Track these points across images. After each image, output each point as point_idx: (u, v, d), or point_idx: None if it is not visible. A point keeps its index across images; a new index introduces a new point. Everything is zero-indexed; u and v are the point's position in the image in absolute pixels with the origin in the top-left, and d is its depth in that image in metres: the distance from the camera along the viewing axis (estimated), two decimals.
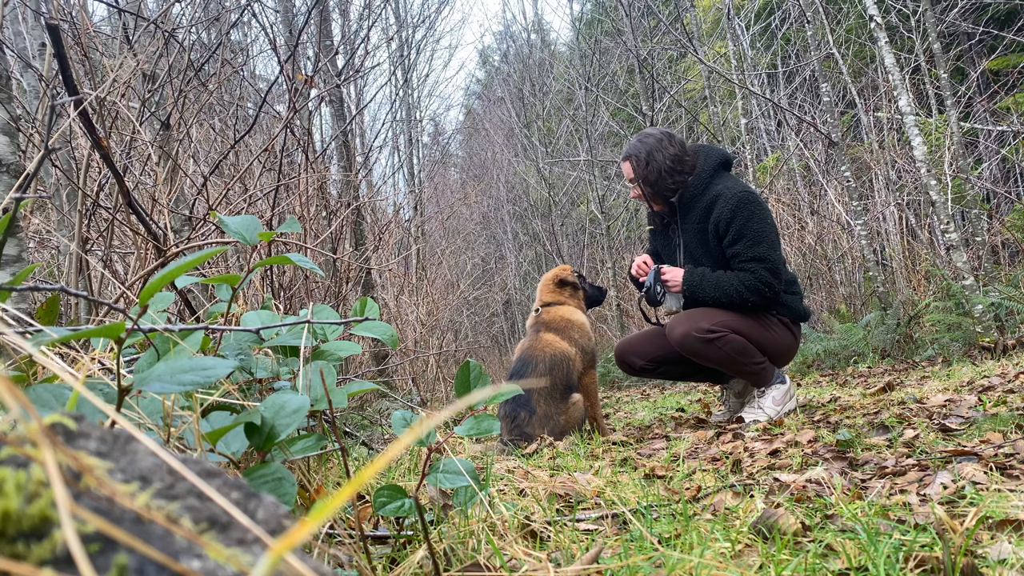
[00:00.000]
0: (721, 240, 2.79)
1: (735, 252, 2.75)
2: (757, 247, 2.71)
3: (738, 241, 2.73)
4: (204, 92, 3.73)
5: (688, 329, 2.80)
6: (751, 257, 2.72)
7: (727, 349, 2.79)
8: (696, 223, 2.86)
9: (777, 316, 2.91)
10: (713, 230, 2.79)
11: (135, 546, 0.27)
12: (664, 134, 2.94)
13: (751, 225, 2.72)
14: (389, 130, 11.01)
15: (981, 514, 1.10)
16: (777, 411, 2.84)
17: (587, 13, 14.34)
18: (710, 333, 2.77)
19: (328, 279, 4.34)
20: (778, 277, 2.75)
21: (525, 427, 2.77)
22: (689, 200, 2.87)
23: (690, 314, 2.87)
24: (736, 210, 2.72)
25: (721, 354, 2.80)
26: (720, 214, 2.74)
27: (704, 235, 2.84)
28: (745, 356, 2.83)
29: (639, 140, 2.95)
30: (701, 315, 2.83)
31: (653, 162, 2.84)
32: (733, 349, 2.79)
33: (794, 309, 2.92)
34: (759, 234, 2.72)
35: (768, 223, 2.76)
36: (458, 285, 10.72)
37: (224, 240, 2.20)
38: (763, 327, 2.87)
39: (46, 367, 0.69)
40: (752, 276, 2.73)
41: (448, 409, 0.32)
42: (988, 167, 8.61)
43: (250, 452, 0.80)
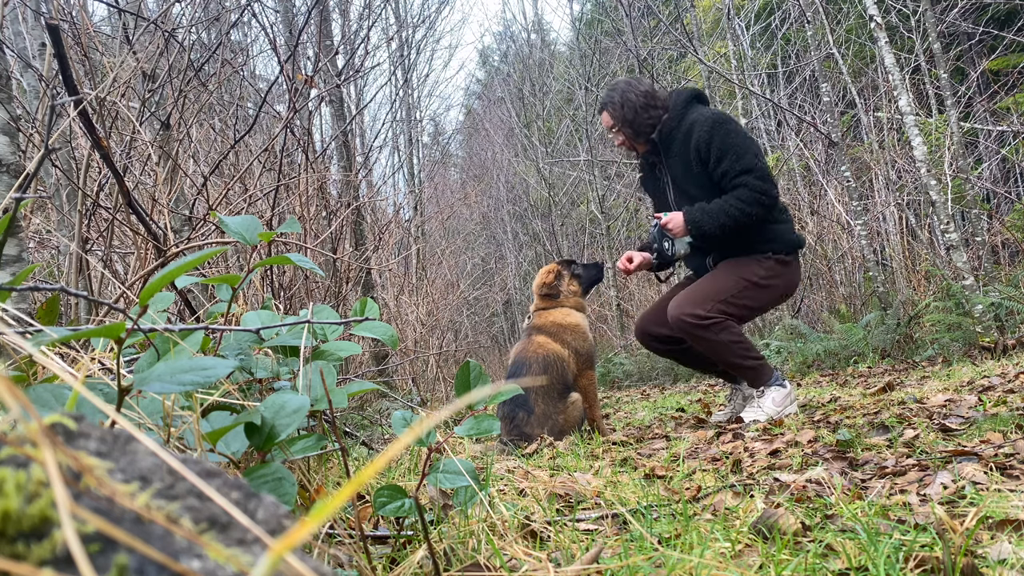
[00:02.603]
0: (706, 165, 2.82)
1: (724, 171, 2.78)
2: (743, 159, 2.75)
3: (723, 159, 2.77)
4: (204, 92, 3.73)
5: (682, 312, 2.81)
6: (740, 170, 2.75)
7: (722, 336, 2.79)
8: (678, 155, 2.91)
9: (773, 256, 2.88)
10: (695, 156, 2.83)
11: (135, 546, 0.27)
12: (631, 78, 3.08)
13: (731, 140, 2.76)
14: (389, 130, 11.01)
15: (981, 514, 1.10)
16: (777, 411, 2.83)
17: (587, 13, 14.34)
18: (705, 319, 2.78)
19: (328, 279, 4.34)
20: (771, 183, 2.77)
21: (524, 427, 2.78)
22: (668, 134, 2.93)
23: (691, 291, 2.87)
24: (713, 130, 2.77)
25: (715, 341, 2.80)
26: (699, 139, 2.80)
27: (688, 165, 2.88)
28: (740, 347, 2.83)
29: (610, 89, 3.05)
30: (700, 293, 2.83)
31: (627, 102, 2.93)
32: (728, 338, 2.80)
33: (788, 239, 2.92)
34: (741, 147, 2.76)
35: (747, 136, 2.81)
36: (458, 285, 10.72)
37: (224, 240, 2.20)
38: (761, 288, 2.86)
39: (46, 367, 0.69)
40: (747, 190, 2.75)
41: (448, 409, 0.32)
42: (988, 167, 8.61)
43: (250, 452, 0.80)
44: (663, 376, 7.41)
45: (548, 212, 12.45)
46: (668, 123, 2.93)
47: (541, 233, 12.93)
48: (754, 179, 2.74)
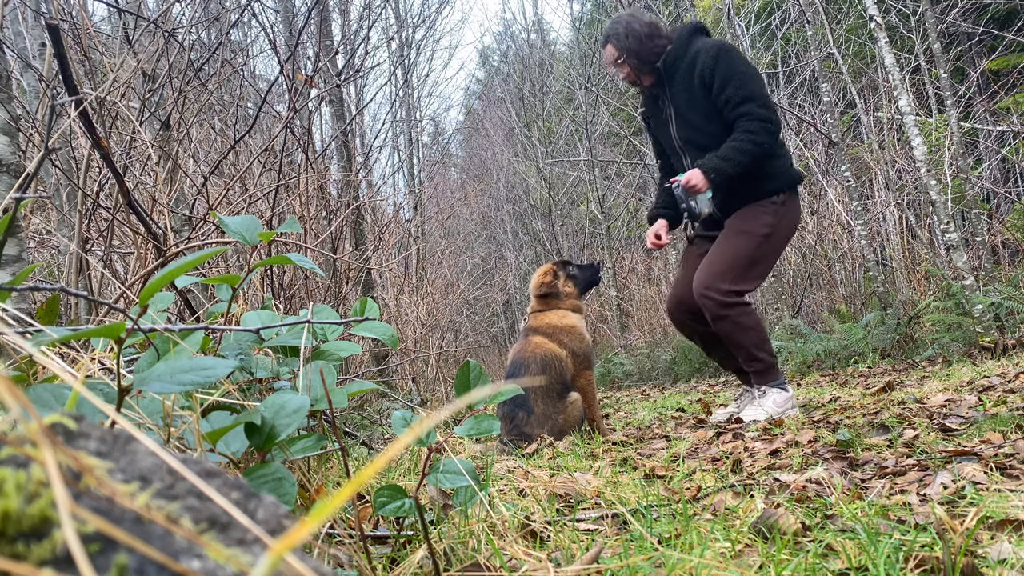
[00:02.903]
0: (710, 92, 2.84)
1: (727, 98, 2.80)
2: (747, 86, 2.78)
3: (727, 86, 2.79)
4: (204, 92, 3.73)
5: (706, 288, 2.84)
6: (743, 97, 2.77)
7: (743, 320, 2.84)
8: (682, 84, 2.93)
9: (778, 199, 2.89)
10: (699, 83, 2.86)
11: (135, 546, 0.27)
12: (633, 10, 3.11)
13: (735, 67, 2.80)
14: (389, 130, 11.01)
15: (981, 514, 1.10)
16: (778, 412, 2.83)
17: (587, 13, 14.34)
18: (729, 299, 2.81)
19: (328, 279, 4.34)
20: (773, 111, 2.81)
21: (524, 427, 2.78)
22: (673, 63, 2.95)
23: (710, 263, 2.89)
24: (717, 57, 2.81)
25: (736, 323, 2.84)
26: (703, 65, 2.83)
27: (692, 94, 2.90)
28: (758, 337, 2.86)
29: (613, 21, 3.07)
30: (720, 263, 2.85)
31: (632, 32, 2.96)
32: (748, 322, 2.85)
33: (788, 176, 2.92)
34: (745, 74, 2.80)
35: (750, 65, 2.86)
36: (458, 285, 10.72)
37: (224, 240, 2.20)
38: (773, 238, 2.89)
39: (46, 367, 0.69)
40: (751, 120, 2.77)
41: (448, 409, 0.32)
42: (988, 167, 8.61)
43: (250, 452, 0.80)
44: (663, 376, 7.41)
45: (548, 212, 12.45)
46: (672, 53, 2.95)
47: (541, 233, 12.93)
48: (757, 107, 2.77)
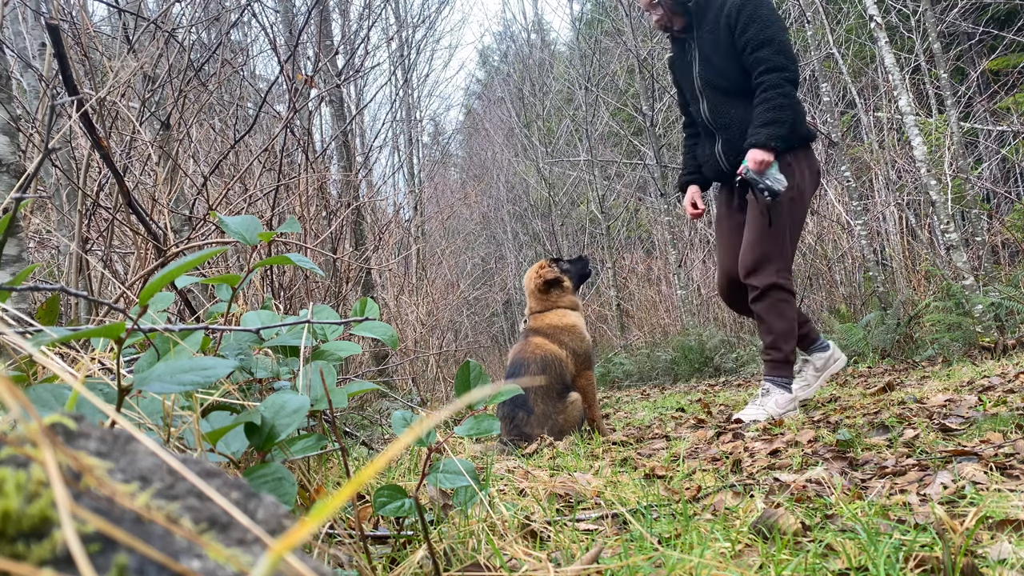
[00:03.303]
0: (733, 32, 2.93)
1: (747, 39, 2.88)
2: (767, 29, 2.85)
3: (749, 27, 2.87)
4: (204, 92, 3.73)
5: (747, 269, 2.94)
6: (762, 41, 2.85)
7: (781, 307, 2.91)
8: (710, 27, 3.02)
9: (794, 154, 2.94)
10: (725, 23, 2.94)
11: (135, 546, 0.27)
12: None
13: (760, 12, 2.88)
14: (389, 130, 11.00)
15: (981, 514, 1.10)
16: (779, 413, 2.84)
17: (587, 13, 14.33)
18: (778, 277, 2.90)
19: (328, 279, 4.34)
20: (790, 59, 2.88)
21: (524, 427, 2.78)
22: (704, 6, 3.04)
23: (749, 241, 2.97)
24: (745, 1, 2.90)
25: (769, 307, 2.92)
26: (730, 7, 2.92)
27: (717, 36, 2.99)
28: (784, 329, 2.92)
29: None
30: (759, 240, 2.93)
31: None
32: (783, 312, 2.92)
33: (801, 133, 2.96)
34: (768, 18, 2.88)
35: (776, 13, 2.94)
36: (458, 285, 10.72)
37: (224, 240, 2.20)
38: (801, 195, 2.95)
39: (46, 367, 0.69)
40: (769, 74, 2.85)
41: (448, 409, 0.32)
42: (988, 167, 8.61)
43: (250, 452, 0.80)
44: (663, 376, 7.41)
45: (548, 212, 12.45)
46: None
47: (541, 233, 12.93)
48: (773, 53, 2.84)
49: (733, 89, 2.99)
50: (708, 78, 3.06)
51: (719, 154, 3.09)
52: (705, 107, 3.10)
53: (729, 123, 3.02)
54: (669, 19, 3.10)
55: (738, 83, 2.97)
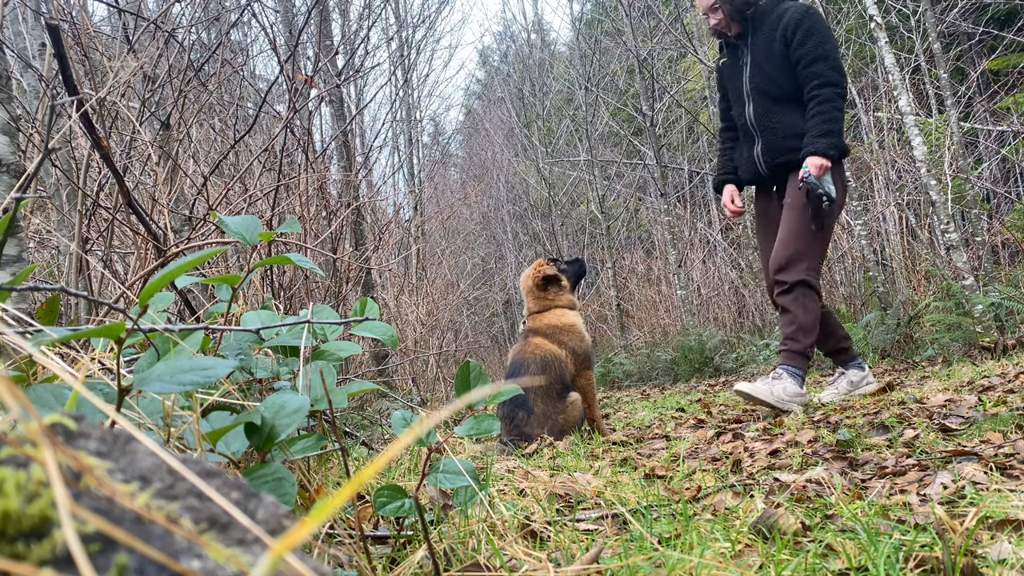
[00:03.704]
0: (788, 45, 3.07)
1: (804, 52, 3.02)
2: (823, 45, 3.00)
3: (807, 41, 3.02)
4: (204, 92, 3.73)
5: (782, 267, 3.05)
6: (817, 56, 2.99)
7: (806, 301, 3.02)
8: (765, 36, 3.18)
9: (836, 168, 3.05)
10: (780, 36, 3.09)
11: (135, 546, 0.27)
12: None
13: (818, 27, 3.03)
14: (389, 130, 11.00)
15: (981, 514, 1.10)
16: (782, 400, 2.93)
17: (587, 13, 14.33)
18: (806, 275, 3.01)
19: (328, 279, 4.34)
20: (843, 74, 3.02)
21: (524, 427, 2.78)
22: (761, 17, 3.21)
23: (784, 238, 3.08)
24: (805, 15, 3.06)
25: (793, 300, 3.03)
26: (790, 19, 3.07)
27: (770, 46, 3.15)
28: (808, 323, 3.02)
29: None
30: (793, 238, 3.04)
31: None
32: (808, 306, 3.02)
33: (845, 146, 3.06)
34: (825, 36, 3.03)
35: (830, 29, 3.10)
36: (458, 285, 10.72)
37: (224, 240, 2.20)
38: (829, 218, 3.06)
39: (46, 367, 0.69)
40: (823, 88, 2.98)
41: (448, 409, 0.32)
42: (988, 167, 8.61)
43: (250, 452, 0.80)
44: (663, 376, 7.41)
45: (548, 212, 12.45)
46: (762, 7, 3.22)
47: (541, 233, 12.93)
48: (827, 68, 2.98)
49: (781, 96, 3.14)
50: (757, 83, 3.20)
51: (757, 156, 3.23)
52: (751, 110, 3.24)
53: (773, 127, 3.16)
54: (727, 24, 3.25)
55: (786, 91, 3.13)
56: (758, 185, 3.38)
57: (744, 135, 3.33)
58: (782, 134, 3.13)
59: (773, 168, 3.18)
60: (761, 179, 3.29)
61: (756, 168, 3.25)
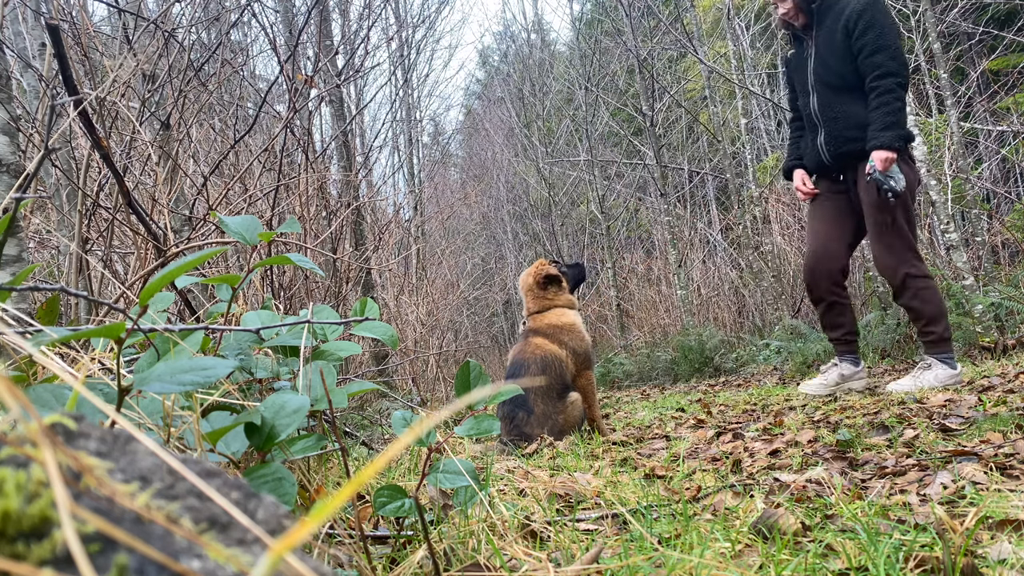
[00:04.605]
0: (850, 36, 3.15)
1: (865, 42, 3.09)
2: (885, 36, 3.07)
3: (868, 31, 3.08)
4: (204, 92, 3.73)
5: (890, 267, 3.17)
6: (879, 46, 3.06)
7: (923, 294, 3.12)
8: (829, 27, 3.25)
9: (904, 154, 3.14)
10: (843, 27, 3.17)
11: (135, 546, 0.27)
12: None
13: (879, 18, 3.09)
14: (389, 130, 11.00)
15: (981, 514, 1.10)
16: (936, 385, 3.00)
17: (587, 13, 14.33)
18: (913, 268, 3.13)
19: (328, 279, 4.34)
20: (904, 64, 3.09)
21: (524, 427, 2.78)
22: (826, 8, 3.29)
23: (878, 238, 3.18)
24: (867, 6, 3.11)
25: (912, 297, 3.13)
26: (853, 10, 3.14)
27: (833, 36, 3.23)
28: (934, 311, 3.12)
29: None
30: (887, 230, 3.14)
31: None
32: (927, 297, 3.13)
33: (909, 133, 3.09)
34: (887, 26, 3.09)
35: (893, 20, 3.19)
36: (458, 285, 10.71)
37: (224, 240, 2.20)
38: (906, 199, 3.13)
39: (46, 367, 0.69)
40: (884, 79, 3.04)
41: (448, 409, 0.32)
42: (988, 167, 8.61)
43: (250, 452, 0.80)
44: (663, 376, 7.41)
45: (548, 212, 12.44)
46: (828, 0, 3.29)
47: (541, 233, 12.92)
48: (887, 58, 3.04)
49: (843, 86, 3.21)
50: (821, 74, 3.29)
51: (820, 145, 3.32)
52: (815, 101, 3.33)
53: (836, 117, 3.24)
54: (795, 15, 3.34)
55: (849, 81, 3.19)
56: (821, 173, 3.46)
57: (809, 125, 3.41)
58: (844, 124, 3.21)
59: (836, 157, 3.27)
60: (825, 168, 3.37)
61: (820, 157, 3.34)
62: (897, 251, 3.14)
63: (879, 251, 3.20)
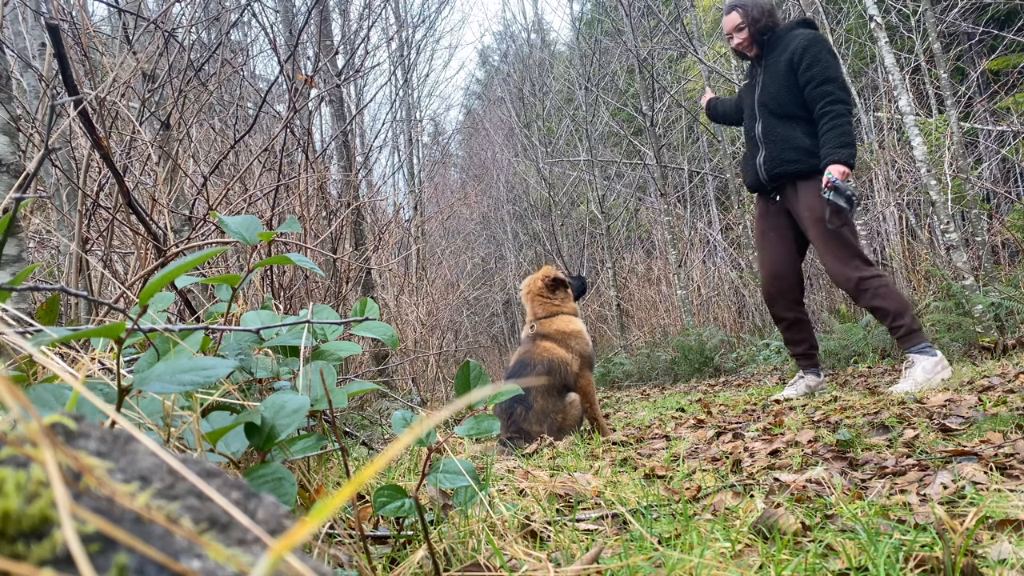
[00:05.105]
0: (795, 69, 3.42)
1: (812, 75, 3.35)
2: (830, 69, 3.33)
3: (814, 65, 3.34)
4: (204, 92, 3.73)
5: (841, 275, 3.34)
6: (826, 78, 3.32)
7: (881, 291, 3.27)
8: (777, 59, 3.52)
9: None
10: (788, 60, 3.43)
11: (135, 546, 0.27)
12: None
13: (824, 54, 3.36)
14: (389, 130, 11.00)
15: (981, 514, 1.10)
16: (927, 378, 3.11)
17: (587, 13, 14.33)
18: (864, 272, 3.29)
19: (328, 279, 4.34)
20: (849, 93, 3.36)
21: (522, 423, 2.78)
22: (776, 41, 3.57)
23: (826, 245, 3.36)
24: (811, 43, 3.38)
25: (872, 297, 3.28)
26: (798, 45, 3.40)
27: (778, 68, 3.49)
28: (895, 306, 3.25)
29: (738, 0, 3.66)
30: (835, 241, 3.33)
31: (757, 6, 3.60)
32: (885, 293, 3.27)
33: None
34: (830, 60, 3.35)
35: (836, 56, 3.41)
36: (458, 285, 10.72)
37: (224, 240, 2.20)
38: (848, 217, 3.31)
39: (46, 367, 0.69)
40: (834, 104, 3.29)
41: (448, 409, 0.32)
42: (988, 167, 8.61)
43: (250, 452, 0.80)
44: (663, 376, 7.41)
45: (548, 212, 12.44)
46: (779, 32, 3.59)
47: (541, 233, 12.92)
48: (836, 88, 3.31)
49: (784, 113, 3.47)
50: (765, 101, 3.56)
51: (759, 165, 3.57)
52: (759, 125, 3.59)
53: (775, 140, 3.50)
54: (748, 46, 3.64)
55: (789, 109, 3.46)
56: (759, 191, 3.71)
57: (751, 146, 3.67)
58: (782, 146, 3.45)
59: (772, 176, 3.51)
60: (761, 186, 3.62)
61: (758, 176, 3.57)
62: (845, 259, 3.32)
63: (829, 262, 3.40)
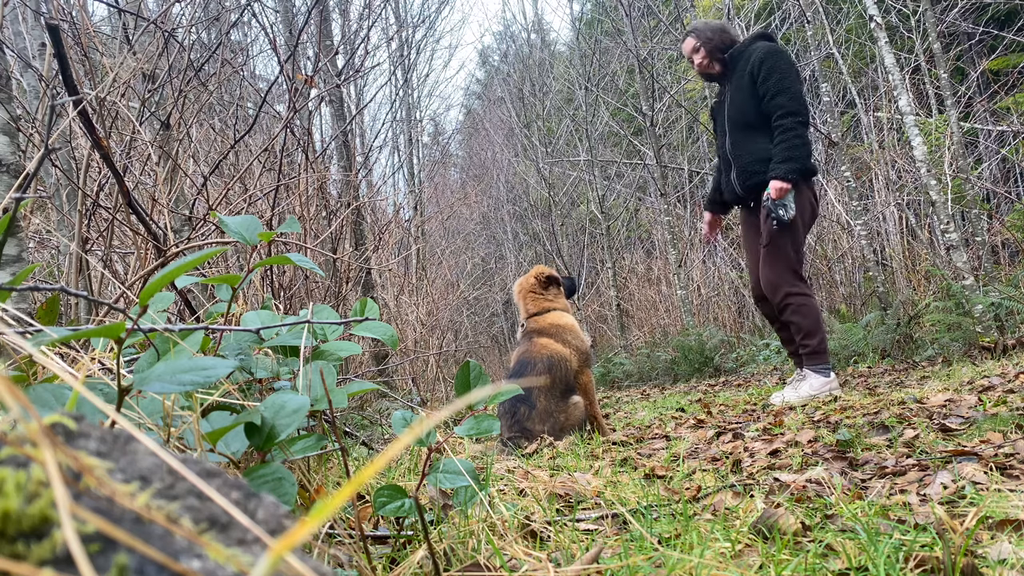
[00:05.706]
0: (755, 81, 3.47)
1: (768, 87, 3.41)
2: (785, 80, 3.39)
3: (770, 77, 3.41)
4: (204, 92, 3.73)
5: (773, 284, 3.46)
6: (779, 90, 3.38)
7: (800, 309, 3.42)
8: (740, 74, 3.58)
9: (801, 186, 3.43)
10: (749, 72, 3.50)
11: (135, 546, 0.27)
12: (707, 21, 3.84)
13: (779, 65, 3.42)
14: (389, 130, 11.00)
15: (981, 514, 1.10)
16: (812, 394, 3.25)
17: (587, 13, 14.33)
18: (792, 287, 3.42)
19: (328, 279, 4.34)
20: (803, 104, 3.39)
21: (525, 422, 2.78)
22: (737, 56, 3.64)
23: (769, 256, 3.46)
24: (767, 54, 3.46)
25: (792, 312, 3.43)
26: (756, 58, 3.48)
27: (742, 81, 3.55)
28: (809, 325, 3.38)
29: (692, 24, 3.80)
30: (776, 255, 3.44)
31: (710, 27, 3.71)
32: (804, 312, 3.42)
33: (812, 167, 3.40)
34: (786, 72, 3.41)
35: (794, 67, 3.48)
36: (458, 285, 10.71)
37: (224, 240, 2.20)
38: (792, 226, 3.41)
39: (46, 367, 0.69)
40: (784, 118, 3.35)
41: (448, 409, 0.32)
42: (988, 167, 8.61)
43: (250, 452, 0.80)
44: (663, 376, 7.41)
45: (548, 212, 12.44)
46: (738, 48, 3.66)
47: (541, 233, 12.92)
48: (787, 100, 3.35)
49: (750, 126, 3.52)
50: (733, 115, 3.60)
51: (733, 180, 3.64)
52: (728, 141, 3.64)
53: (743, 154, 3.55)
54: (710, 64, 3.69)
55: (754, 122, 3.50)
56: (740, 204, 3.80)
57: (724, 163, 3.75)
58: (750, 159, 3.52)
59: (746, 189, 3.58)
60: (740, 199, 3.70)
61: (735, 191, 3.66)
62: (780, 272, 3.44)
63: (765, 271, 3.51)
